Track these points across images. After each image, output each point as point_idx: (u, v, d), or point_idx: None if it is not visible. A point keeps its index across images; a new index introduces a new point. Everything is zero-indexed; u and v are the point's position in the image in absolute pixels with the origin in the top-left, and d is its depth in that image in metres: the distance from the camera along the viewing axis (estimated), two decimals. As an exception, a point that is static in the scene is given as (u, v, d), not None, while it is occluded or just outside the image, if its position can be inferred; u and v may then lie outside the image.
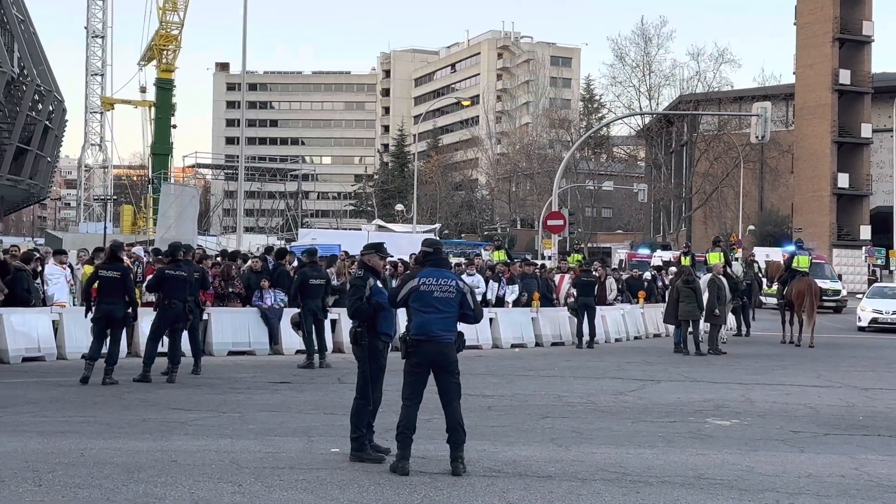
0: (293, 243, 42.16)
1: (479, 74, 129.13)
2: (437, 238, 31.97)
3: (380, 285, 9.00)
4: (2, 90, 78.74)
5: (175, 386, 13.73)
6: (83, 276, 17.43)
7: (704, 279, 21.85)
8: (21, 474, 7.80)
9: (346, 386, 13.37)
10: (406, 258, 22.17)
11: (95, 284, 14.09)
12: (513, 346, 21.77)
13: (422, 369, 8.38)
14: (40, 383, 13.87)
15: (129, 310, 14.00)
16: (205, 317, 16.98)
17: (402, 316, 9.49)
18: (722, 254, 24.88)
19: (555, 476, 8.29)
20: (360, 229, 57.65)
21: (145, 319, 15.72)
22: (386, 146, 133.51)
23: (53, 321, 16.68)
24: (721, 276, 22.14)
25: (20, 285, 16.67)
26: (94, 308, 13.94)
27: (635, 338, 25.67)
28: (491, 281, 22.57)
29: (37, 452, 8.74)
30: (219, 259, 20.92)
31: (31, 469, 8.00)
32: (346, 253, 23.62)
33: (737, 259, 30.13)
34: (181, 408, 11.80)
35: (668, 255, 41.14)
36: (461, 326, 8.64)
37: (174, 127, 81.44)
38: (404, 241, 32.57)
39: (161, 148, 79.59)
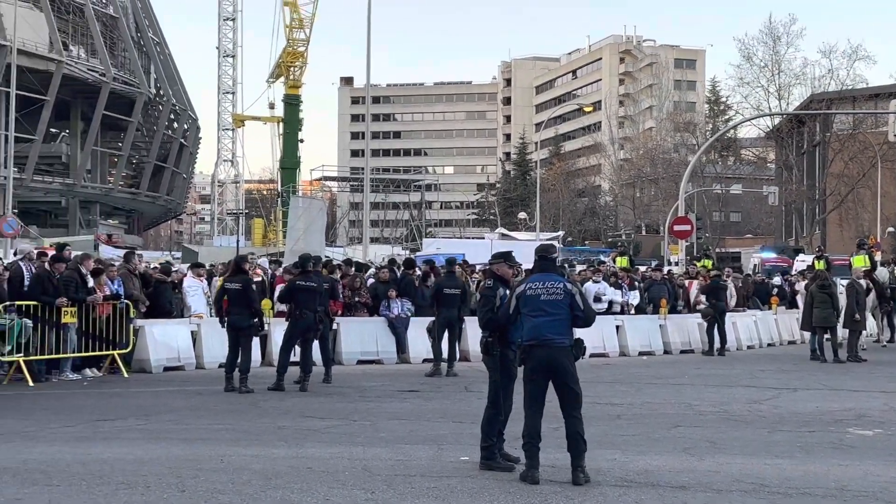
0: (417, 253, 42.59)
1: (600, 80, 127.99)
2: (559, 245, 31.70)
3: (510, 294, 8.99)
4: (140, 111, 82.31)
5: (308, 394, 14.04)
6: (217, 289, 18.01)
7: (845, 283, 21.08)
8: (165, 480, 8.10)
9: (474, 395, 13.44)
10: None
11: (225, 296, 14.61)
12: (640, 353, 21.45)
13: (537, 375, 8.30)
14: (181, 392, 14.38)
15: (255, 320, 14.36)
16: (334, 327, 17.30)
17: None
18: (867, 257, 23.94)
19: (689, 486, 8.13)
20: (484, 238, 57.80)
21: (277, 330, 16.14)
22: (508, 154, 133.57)
23: (192, 332, 17.29)
24: (861, 281, 21.34)
25: (163, 297, 17.39)
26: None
27: (768, 345, 24.95)
28: (612, 287, 22.32)
29: (179, 459, 9.06)
30: (341, 264, 21.25)
31: (175, 475, 8.30)
32: (466, 262, 23.65)
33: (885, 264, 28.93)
34: (314, 416, 12.06)
35: (805, 260, 39.82)
36: (580, 333, 8.56)
37: (301, 141, 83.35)
38: (528, 249, 32.49)
39: (289, 162, 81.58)
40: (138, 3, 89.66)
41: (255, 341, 15.46)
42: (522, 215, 78.31)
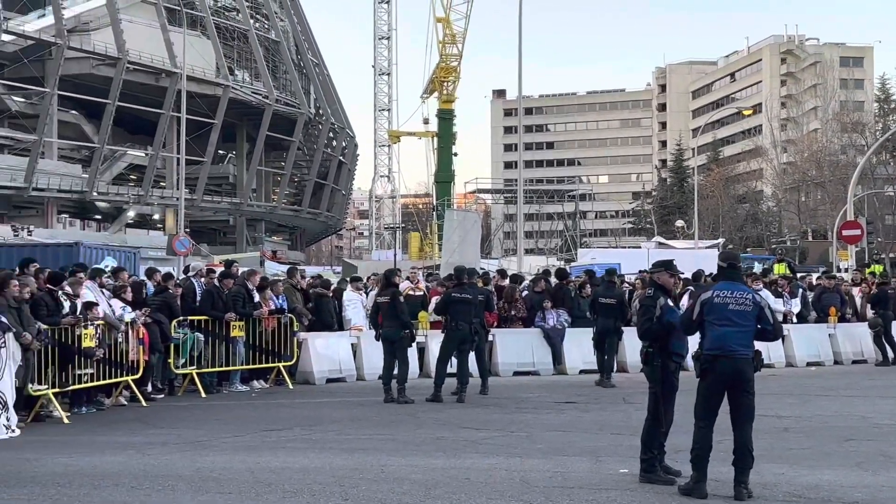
0: (573, 264, 42.30)
1: (760, 82, 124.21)
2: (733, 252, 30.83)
3: (671, 304, 8.84)
4: (301, 130, 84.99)
5: (465, 406, 14.15)
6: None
7: None
8: (329, 489, 8.33)
9: (632, 406, 13.25)
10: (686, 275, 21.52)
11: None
12: (808, 364, 20.65)
13: (717, 387, 8.11)
14: (342, 403, 14.74)
15: (406, 331, 14.57)
16: (490, 338, 17.37)
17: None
18: None
19: (862, 503, 7.79)
20: (640, 247, 56.89)
21: (434, 341, 16.35)
22: (664, 162, 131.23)
23: (352, 344, 17.71)
24: None
25: (324, 311, 17.90)
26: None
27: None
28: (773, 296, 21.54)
29: (342, 468, 9.29)
30: (494, 274, 21.29)
31: (338, 484, 8.52)
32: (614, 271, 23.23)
33: None
34: (471, 427, 12.14)
35: None
36: (757, 344, 8.33)
37: (455, 155, 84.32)
38: (687, 258, 31.78)
39: (444, 176, 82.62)
40: (298, 26, 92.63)
41: (412, 353, 15.71)
42: (680, 223, 76.69)
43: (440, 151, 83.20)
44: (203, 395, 15.16)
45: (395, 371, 14.46)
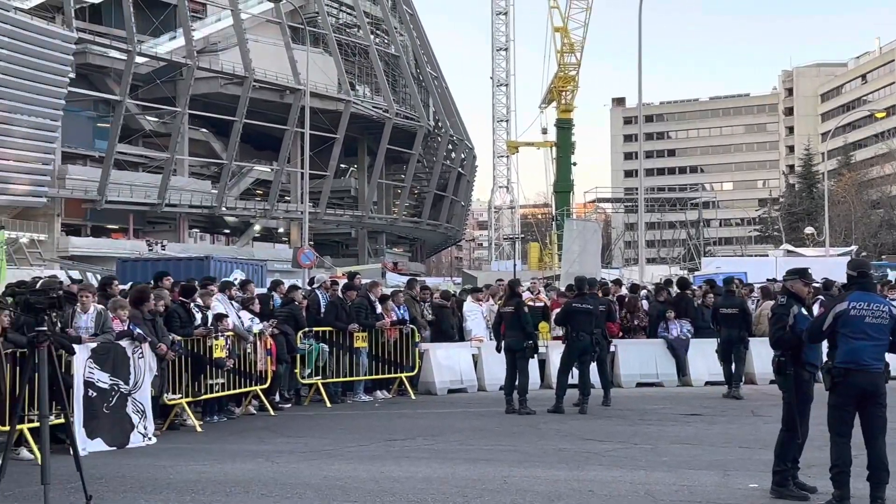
0: (696, 273, 41.49)
1: (894, 83, 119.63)
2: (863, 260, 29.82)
3: (804, 312, 8.60)
4: (421, 143, 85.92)
5: (587, 417, 14.04)
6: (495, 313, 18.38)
7: None
8: (452, 499, 8.39)
9: (761, 419, 12.92)
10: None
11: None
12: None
13: (849, 400, 7.85)
14: (464, 413, 14.80)
15: (529, 342, 14.53)
16: (612, 349, 17.19)
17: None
18: None
19: None
20: (767, 255, 55.38)
21: (555, 352, 16.29)
22: (791, 167, 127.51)
23: (473, 355, 17.79)
24: None
25: (444, 321, 18.03)
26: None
27: None
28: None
29: (465, 478, 9.33)
30: (610, 284, 21.04)
31: (461, 494, 8.57)
32: (740, 280, 22.65)
33: None
34: (594, 438, 12.04)
35: None
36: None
37: (574, 164, 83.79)
38: (818, 266, 30.77)
39: (563, 186, 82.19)
40: (417, 40, 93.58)
41: (533, 364, 15.67)
42: (809, 230, 74.34)
43: (559, 161, 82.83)
44: (328, 404, 15.45)
45: (517, 382, 14.46)
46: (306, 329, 15.71)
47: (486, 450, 11.35)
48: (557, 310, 17.39)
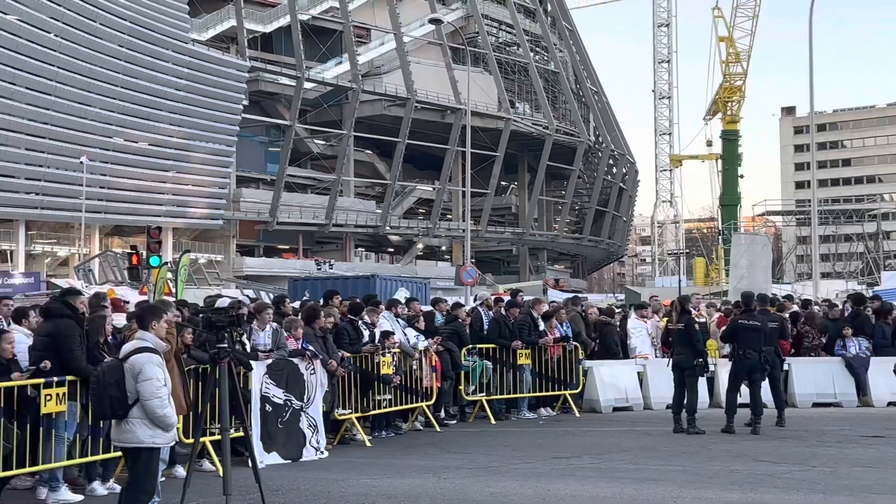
0: (875, 288, 39.62)
1: None
2: None
3: None
4: (581, 158, 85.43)
5: (760, 437, 13.58)
6: (662, 328, 18.05)
7: None
8: (620, 518, 8.29)
9: (950, 442, 12.20)
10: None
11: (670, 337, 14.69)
12: None
13: None
14: (630, 432, 14.57)
15: (699, 360, 14.16)
16: (785, 367, 16.59)
17: None
18: None
19: None
20: (953, 269, 52.34)
21: (724, 370, 15.86)
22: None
23: (638, 373, 17.51)
24: None
25: (608, 339, 17.83)
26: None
27: None
28: None
29: (633, 498, 9.20)
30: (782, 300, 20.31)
31: (629, 513, 8.46)
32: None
33: None
34: (768, 460, 11.64)
35: None
36: None
37: (741, 177, 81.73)
38: None
39: (729, 199, 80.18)
40: (577, 56, 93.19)
41: (702, 382, 15.29)
42: None
43: (725, 174, 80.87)
44: (492, 421, 15.49)
45: (685, 400, 14.15)
46: (470, 346, 15.82)
47: (655, 469, 11.14)
48: (724, 327, 16.94)
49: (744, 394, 14.41)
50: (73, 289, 11.18)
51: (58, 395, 9.36)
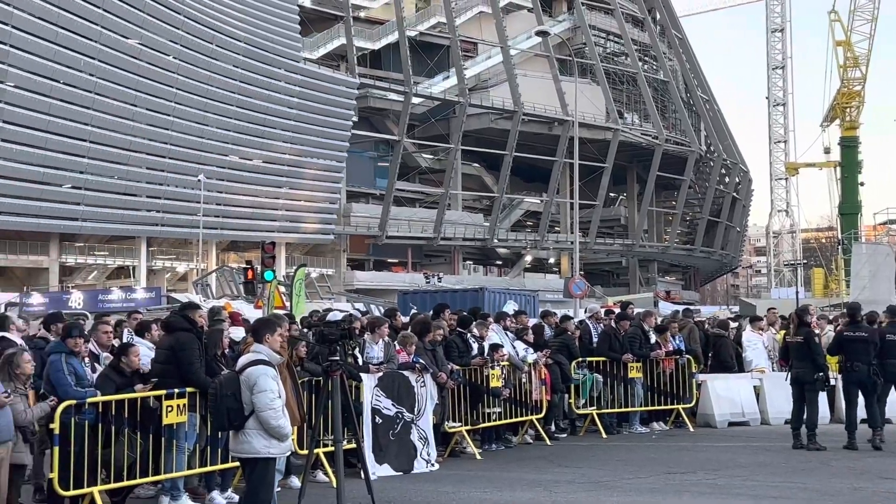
0: None
1: None
2: None
3: None
4: (692, 168, 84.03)
5: (884, 454, 13.09)
6: (779, 341, 17.59)
7: None
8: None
9: None
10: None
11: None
12: None
13: None
14: (746, 448, 14.21)
15: (819, 374, 13.72)
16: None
17: None
18: None
19: None
20: None
21: (839, 384, 15.35)
22: None
23: (755, 387, 17.08)
24: None
25: (723, 352, 17.46)
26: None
27: None
28: None
29: (750, 515, 8.97)
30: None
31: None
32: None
33: None
34: (893, 477, 11.21)
35: None
36: None
37: (862, 184, 79.00)
38: None
39: (849, 207, 77.64)
40: (687, 64, 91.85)
41: (822, 396, 14.83)
42: None
43: (844, 181, 78.30)
44: (604, 435, 15.30)
45: (804, 416, 13.74)
46: (580, 359, 15.69)
47: (773, 486, 10.83)
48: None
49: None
50: (191, 303, 11.51)
51: (178, 406, 9.61)
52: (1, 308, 43.17)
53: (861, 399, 13.75)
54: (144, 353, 10.45)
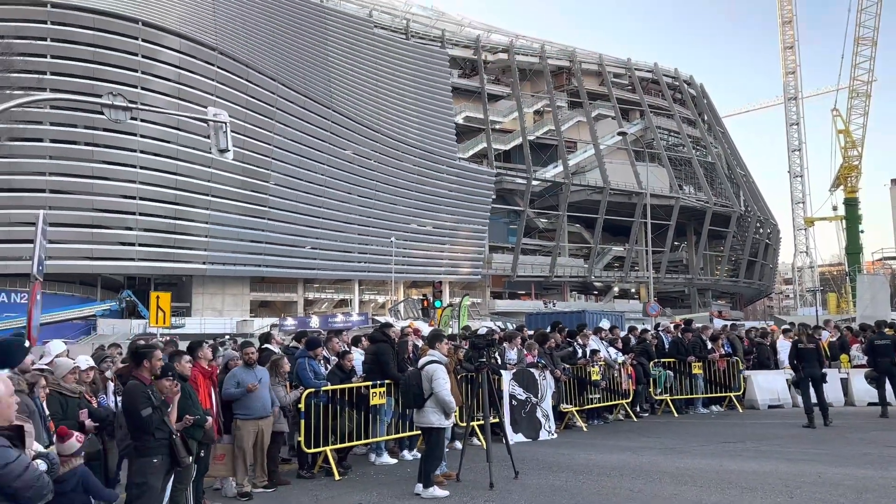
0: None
1: None
2: None
3: None
4: (734, 223, 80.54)
5: (889, 428, 12.04)
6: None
7: None
8: (777, 489, 7.60)
9: None
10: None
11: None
12: None
13: None
14: (782, 424, 13.36)
15: (823, 371, 12.79)
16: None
17: None
18: None
19: None
20: None
21: (856, 377, 14.24)
22: None
23: (787, 379, 16.07)
24: None
25: (762, 355, 16.55)
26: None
27: None
28: None
29: (786, 473, 8.42)
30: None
31: (784, 485, 7.74)
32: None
33: None
34: (894, 445, 10.30)
35: None
36: None
37: (862, 232, 73.91)
38: None
39: (853, 249, 72.71)
40: (727, 149, 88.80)
41: (838, 385, 13.79)
42: None
43: (848, 230, 73.41)
44: (675, 415, 14.70)
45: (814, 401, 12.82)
46: (656, 360, 15.19)
47: (802, 451, 10.14)
48: (856, 345, 15.33)
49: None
50: (387, 323, 11.77)
51: (380, 392, 9.84)
52: (267, 328, 45.18)
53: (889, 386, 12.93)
54: (357, 357, 10.75)
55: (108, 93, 13.80)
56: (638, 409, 14.75)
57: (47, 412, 5.94)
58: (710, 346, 15.58)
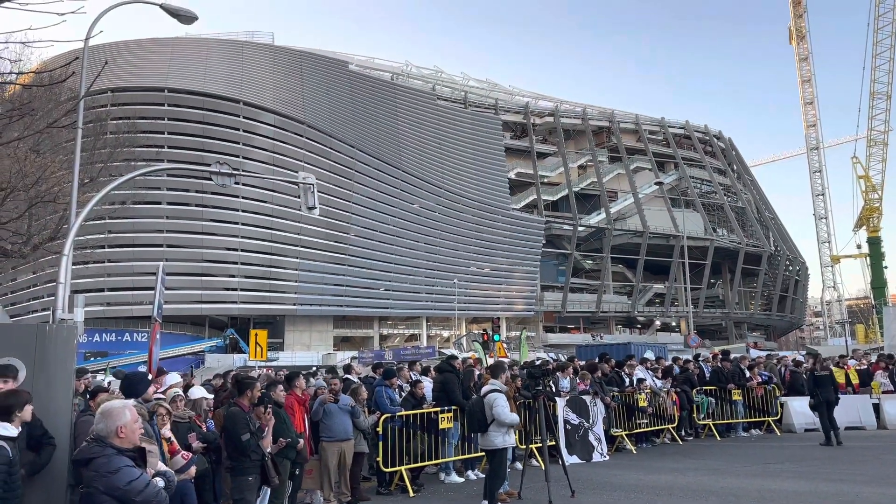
0: None
1: None
2: None
3: None
4: (765, 262, 77.57)
5: (926, 454, 11.20)
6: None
7: None
8: (817, 508, 7.16)
9: None
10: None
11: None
12: None
13: None
14: (818, 447, 12.61)
15: (837, 397, 12.05)
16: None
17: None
18: None
19: None
20: None
21: (888, 402, 13.31)
22: None
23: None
24: None
25: (797, 382, 15.72)
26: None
27: None
28: None
29: (824, 493, 7.93)
30: None
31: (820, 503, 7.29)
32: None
33: None
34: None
35: None
36: None
37: (885, 267, 70.02)
38: None
39: (877, 283, 68.94)
40: (756, 195, 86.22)
41: (870, 409, 12.95)
42: None
43: (873, 266, 69.76)
44: (718, 438, 14.06)
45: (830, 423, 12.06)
46: (698, 387, 14.62)
47: (839, 472, 9.53)
48: (879, 371, 14.44)
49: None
50: (452, 355, 11.75)
51: (448, 417, 9.78)
52: (348, 360, 45.57)
53: None
54: (427, 385, 10.72)
55: (216, 162, 14.51)
56: (683, 433, 14.18)
57: (169, 435, 6.11)
58: (748, 374, 14.93)
